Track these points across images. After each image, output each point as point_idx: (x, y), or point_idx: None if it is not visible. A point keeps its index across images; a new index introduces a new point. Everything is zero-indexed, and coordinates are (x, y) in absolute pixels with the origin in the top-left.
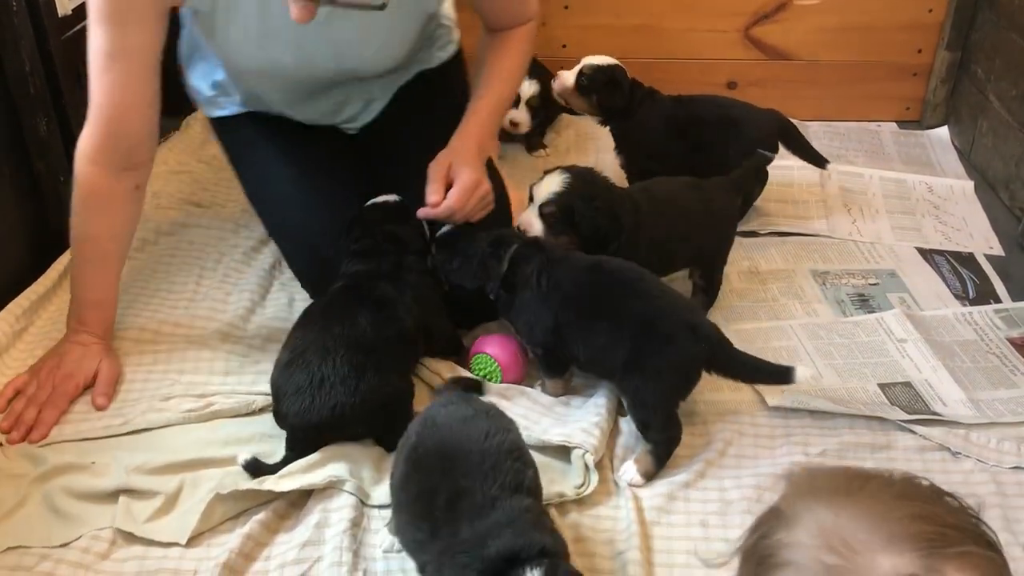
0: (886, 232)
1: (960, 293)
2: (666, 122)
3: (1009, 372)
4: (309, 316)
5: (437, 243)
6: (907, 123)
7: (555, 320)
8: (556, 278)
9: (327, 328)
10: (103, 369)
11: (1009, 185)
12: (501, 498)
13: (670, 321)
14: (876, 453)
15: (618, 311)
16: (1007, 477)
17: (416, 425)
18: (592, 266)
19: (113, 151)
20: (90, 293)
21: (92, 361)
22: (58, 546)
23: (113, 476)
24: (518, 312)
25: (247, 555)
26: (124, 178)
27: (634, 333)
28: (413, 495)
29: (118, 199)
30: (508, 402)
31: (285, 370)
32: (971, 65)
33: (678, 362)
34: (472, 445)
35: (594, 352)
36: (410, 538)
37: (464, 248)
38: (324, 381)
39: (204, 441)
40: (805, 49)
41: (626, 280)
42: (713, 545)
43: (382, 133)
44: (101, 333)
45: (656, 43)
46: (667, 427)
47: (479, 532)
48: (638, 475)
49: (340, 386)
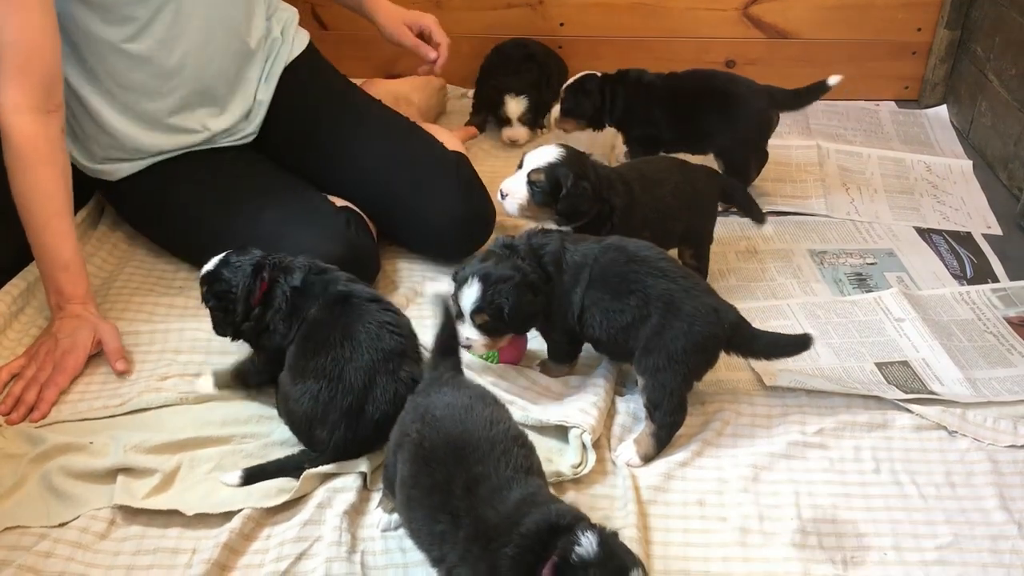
0: (884, 211)
1: (958, 273)
2: (650, 94)
3: (1006, 351)
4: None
5: (488, 314)
6: (906, 102)
7: (582, 303)
8: (582, 256)
9: (354, 347)
10: (104, 335)
11: (1008, 165)
12: (517, 479)
13: (693, 303)
14: (873, 432)
15: (645, 288)
16: (1003, 456)
17: (414, 421)
18: (610, 245)
19: (36, 89)
20: (57, 256)
21: (87, 331)
22: (56, 526)
23: (111, 455)
24: (567, 303)
25: (247, 535)
26: (51, 122)
27: (659, 311)
28: (427, 489)
29: (55, 145)
30: (506, 382)
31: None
32: (970, 44)
33: (700, 344)
34: (480, 433)
35: (617, 332)
36: (428, 532)
37: (504, 288)
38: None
39: (202, 421)
40: (804, 28)
41: (648, 258)
42: (710, 524)
43: (279, 125)
44: (82, 297)
45: (654, 21)
46: (676, 410)
47: (505, 513)
48: (637, 456)
49: (385, 404)
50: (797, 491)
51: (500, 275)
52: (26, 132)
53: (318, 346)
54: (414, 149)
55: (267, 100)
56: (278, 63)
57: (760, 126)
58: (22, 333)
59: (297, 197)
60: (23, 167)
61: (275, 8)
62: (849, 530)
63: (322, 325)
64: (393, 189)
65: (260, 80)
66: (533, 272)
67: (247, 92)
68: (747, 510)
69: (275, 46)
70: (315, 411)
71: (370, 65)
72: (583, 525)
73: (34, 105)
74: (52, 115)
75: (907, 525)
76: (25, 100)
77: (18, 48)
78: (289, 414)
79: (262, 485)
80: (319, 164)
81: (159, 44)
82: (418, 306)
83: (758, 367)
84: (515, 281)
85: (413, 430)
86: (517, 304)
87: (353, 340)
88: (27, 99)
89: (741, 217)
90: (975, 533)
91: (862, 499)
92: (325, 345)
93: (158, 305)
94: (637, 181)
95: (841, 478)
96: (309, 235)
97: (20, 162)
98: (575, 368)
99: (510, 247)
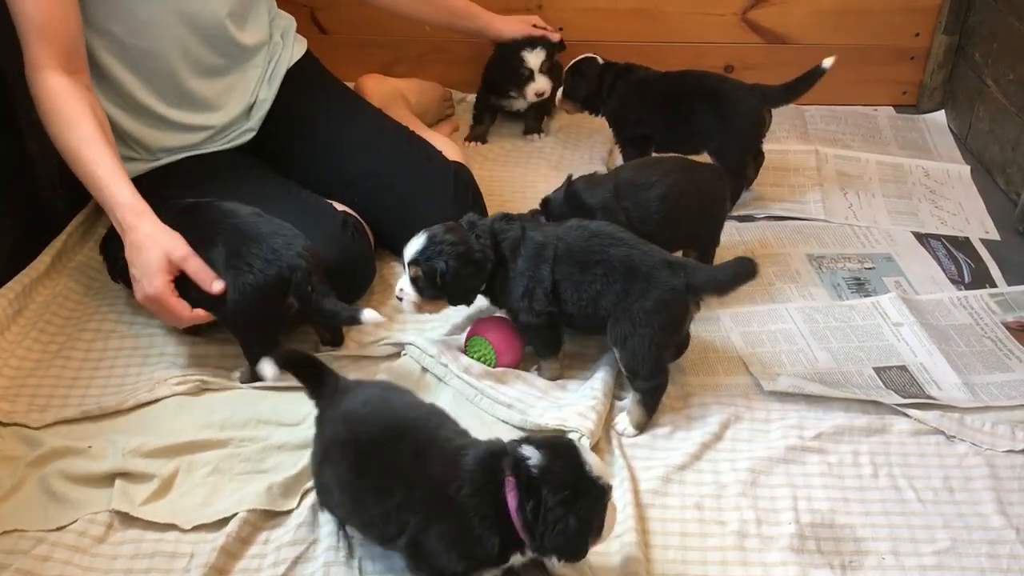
0: (882, 216)
1: (956, 277)
2: (643, 92)
3: (1004, 356)
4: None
5: (423, 269)
6: (904, 107)
7: (552, 277)
8: (544, 236)
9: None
10: (178, 252)
11: (1006, 169)
12: (457, 438)
13: (648, 261)
14: (871, 436)
15: (608, 257)
16: (1001, 460)
17: (336, 430)
18: (572, 225)
19: (58, 55)
20: (113, 181)
21: (155, 257)
22: (54, 529)
23: (109, 459)
24: (514, 286)
25: (244, 539)
26: (78, 80)
27: (620, 276)
28: (375, 473)
29: (85, 94)
30: (504, 386)
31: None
32: (968, 49)
33: (660, 298)
34: (409, 413)
35: (587, 303)
36: (382, 512)
37: (447, 249)
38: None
39: (200, 424)
40: (802, 32)
41: (607, 231)
42: (708, 528)
43: (278, 129)
44: (142, 208)
45: (652, 26)
46: (655, 374)
47: (450, 462)
48: (631, 426)
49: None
50: (795, 495)
51: (446, 239)
52: (56, 86)
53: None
54: (411, 156)
55: (269, 99)
56: (280, 65)
57: (753, 125)
58: (22, 336)
59: (294, 200)
60: (59, 120)
61: (274, 14)
62: (847, 535)
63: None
64: (390, 196)
65: (263, 80)
66: (480, 251)
67: (245, 89)
68: (745, 514)
69: (277, 49)
70: None
71: (369, 69)
72: (512, 443)
73: (57, 64)
74: (76, 75)
75: (905, 530)
76: (49, 60)
77: (39, 19)
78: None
79: (258, 488)
80: (316, 169)
81: (129, 31)
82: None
83: (756, 372)
84: (458, 250)
85: (341, 434)
86: (454, 271)
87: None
88: (51, 59)
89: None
90: (973, 538)
91: (860, 504)
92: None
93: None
94: (623, 186)
95: (839, 483)
96: (306, 238)
97: (55, 116)
98: (572, 372)
99: (472, 224)
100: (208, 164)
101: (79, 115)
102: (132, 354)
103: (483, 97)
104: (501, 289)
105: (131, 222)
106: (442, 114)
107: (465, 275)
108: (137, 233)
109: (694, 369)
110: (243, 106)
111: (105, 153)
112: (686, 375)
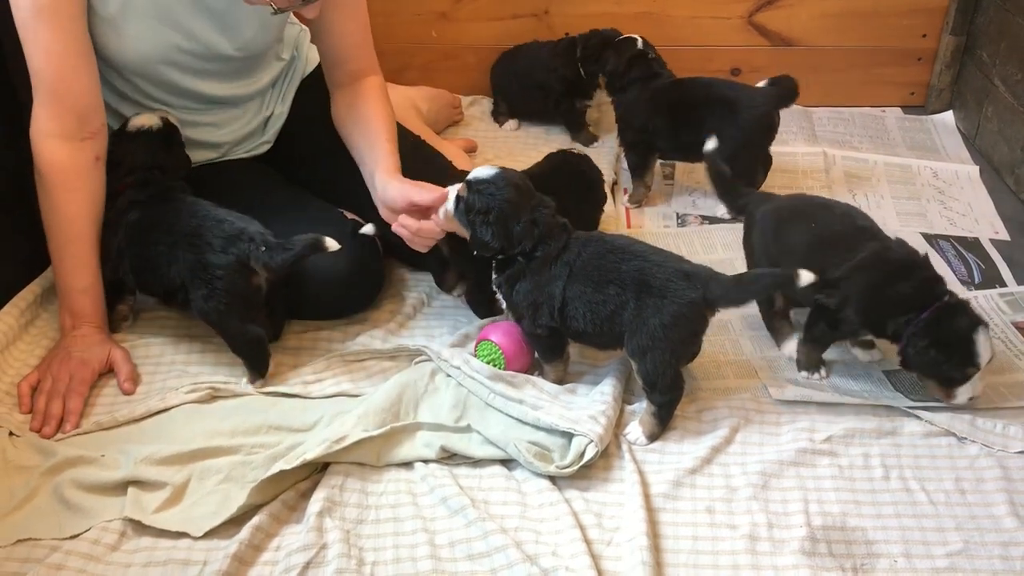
0: (891, 217)
1: (965, 278)
2: (655, 101)
3: (1014, 357)
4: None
5: (471, 186)
6: (912, 108)
7: (563, 297)
8: (572, 254)
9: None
10: (115, 356)
11: (1015, 170)
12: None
13: (663, 274)
14: (882, 439)
15: (620, 274)
16: (1013, 462)
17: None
18: (592, 238)
19: (67, 116)
20: (76, 280)
21: (100, 348)
22: (68, 538)
23: (122, 468)
24: (524, 292)
25: (256, 546)
26: (84, 149)
27: (633, 293)
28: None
29: (83, 172)
30: (515, 389)
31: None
32: (976, 49)
33: (677, 312)
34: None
35: (602, 322)
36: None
37: (501, 204)
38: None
39: (211, 432)
40: (809, 35)
41: (623, 246)
42: (719, 532)
43: (290, 139)
44: (98, 323)
45: (659, 30)
46: (672, 388)
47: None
48: (643, 436)
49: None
50: (806, 498)
51: (510, 197)
52: (52, 158)
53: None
54: (420, 165)
55: (284, 114)
56: (295, 78)
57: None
58: (33, 344)
59: (305, 208)
60: (47, 190)
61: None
62: (859, 537)
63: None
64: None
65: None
66: (520, 234)
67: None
68: (756, 518)
69: (291, 65)
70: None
71: None
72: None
73: (64, 132)
74: (87, 142)
75: (917, 532)
76: (55, 127)
77: (48, 75)
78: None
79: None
80: (327, 178)
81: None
82: (425, 315)
83: (765, 379)
84: (505, 211)
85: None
86: (496, 221)
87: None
88: (57, 126)
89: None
90: (986, 540)
91: (872, 506)
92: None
93: (168, 317)
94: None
95: (850, 485)
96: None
97: (44, 184)
98: (581, 376)
99: (543, 206)
100: (221, 173)
101: (76, 206)
102: (143, 363)
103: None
104: (512, 284)
105: (88, 331)
106: (451, 120)
107: (495, 232)
108: (90, 337)
109: (704, 373)
110: (259, 120)
111: (91, 257)
112: (696, 379)
